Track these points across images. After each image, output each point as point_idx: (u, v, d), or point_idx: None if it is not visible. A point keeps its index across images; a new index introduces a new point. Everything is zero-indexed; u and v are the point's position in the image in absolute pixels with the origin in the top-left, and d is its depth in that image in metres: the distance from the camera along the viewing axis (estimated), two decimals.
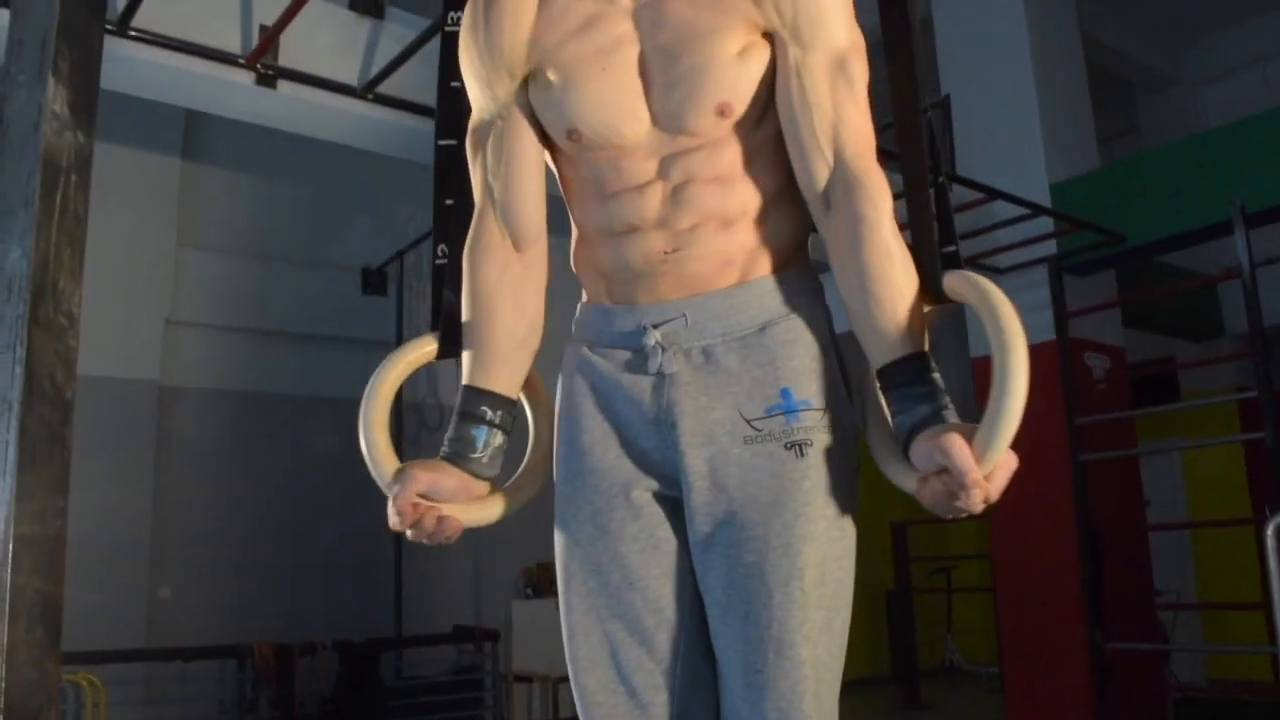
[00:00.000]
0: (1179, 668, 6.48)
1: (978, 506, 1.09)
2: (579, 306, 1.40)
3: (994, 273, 5.40)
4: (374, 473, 1.29)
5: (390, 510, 1.22)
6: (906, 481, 1.15)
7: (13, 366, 0.95)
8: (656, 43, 1.25)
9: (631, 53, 1.26)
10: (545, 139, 1.35)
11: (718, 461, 1.22)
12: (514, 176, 1.34)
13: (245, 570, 6.30)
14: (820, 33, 1.23)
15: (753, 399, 1.23)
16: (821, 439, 1.22)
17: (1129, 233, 5.26)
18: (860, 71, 1.25)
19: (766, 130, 1.28)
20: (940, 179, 1.35)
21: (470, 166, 1.38)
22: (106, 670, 5.01)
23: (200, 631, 5.78)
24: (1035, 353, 1.10)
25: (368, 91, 3.48)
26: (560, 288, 1.45)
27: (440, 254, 1.45)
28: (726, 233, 1.26)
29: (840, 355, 1.30)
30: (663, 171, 1.26)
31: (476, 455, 1.29)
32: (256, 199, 6.96)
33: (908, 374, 1.17)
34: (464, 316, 1.36)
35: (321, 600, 6.40)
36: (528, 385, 1.40)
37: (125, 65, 3.08)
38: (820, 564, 1.20)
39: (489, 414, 1.31)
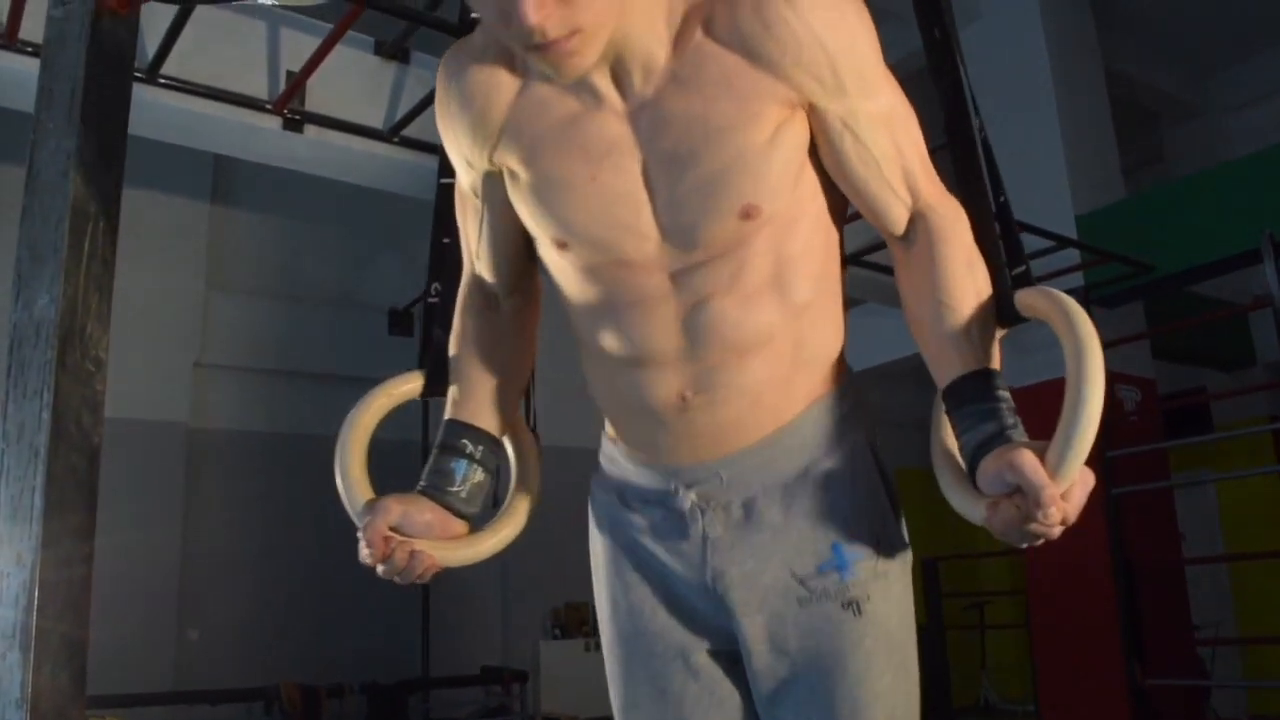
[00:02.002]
0: (1220, 704, 6.35)
1: (1055, 529, 0.99)
2: (604, 436, 1.33)
3: None
4: (346, 503, 1.24)
5: (361, 543, 1.16)
6: (974, 509, 1.05)
7: (40, 412, 0.95)
8: (660, 149, 1.10)
9: (629, 162, 1.11)
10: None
11: (774, 626, 1.17)
12: (493, 249, 1.28)
13: (273, 612, 6.30)
14: (864, 83, 1.10)
15: (802, 554, 1.17)
16: (877, 590, 1.16)
17: (1157, 263, 5.22)
18: (909, 109, 1.16)
19: (796, 218, 1.14)
20: (1002, 198, 1.28)
21: (458, 219, 1.34)
22: (133, 714, 5.00)
23: (228, 674, 5.78)
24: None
25: (393, 134, 3.52)
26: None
27: (433, 292, 1.43)
28: (755, 363, 1.14)
29: (885, 474, 1.24)
30: (676, 288, 1.14)
31: (454, 489, 1.22)
32: (284, 241, 7.04)
33: (975, 391, 1.09)
34: (450, 354, 1.33)
35: (349, 642, 6.39)
36: (514, 428, 1.35)
37: (154, 111, 3.13)
38: (889, 715, 1.16)
39: (469, 447, 1.24)
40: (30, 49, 2.82)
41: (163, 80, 3.06)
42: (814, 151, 1.15)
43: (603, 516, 1.30)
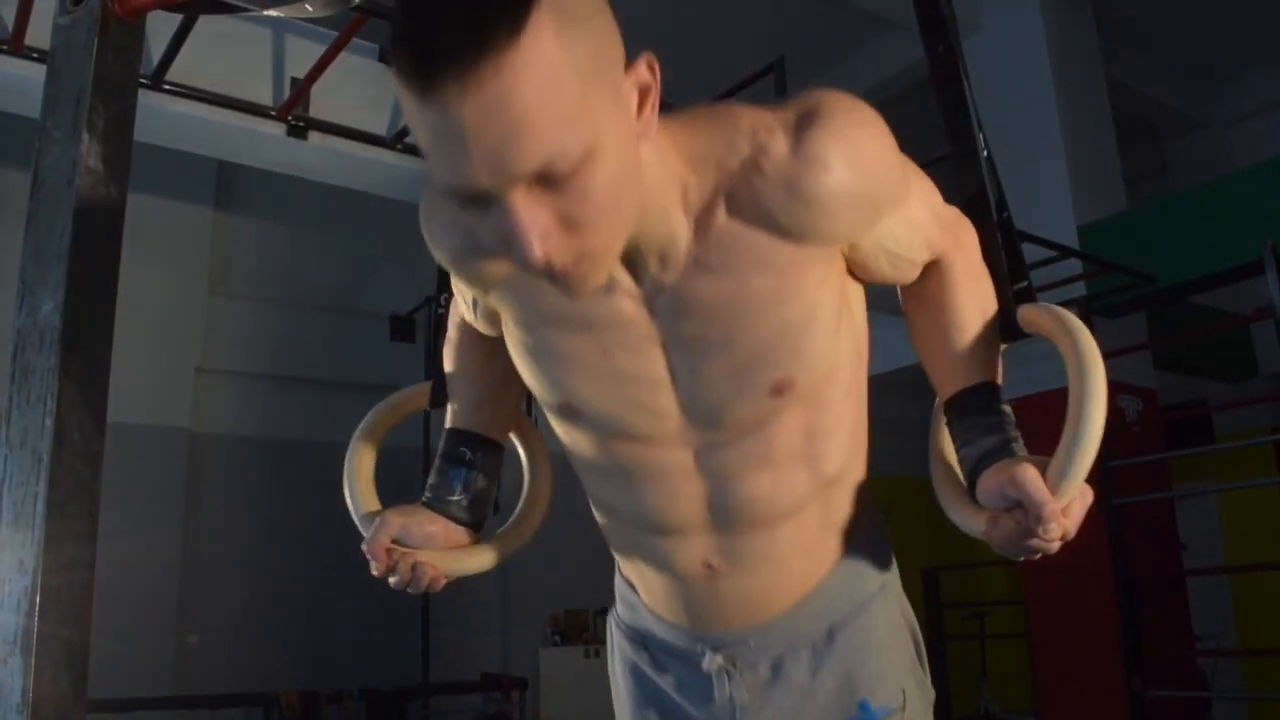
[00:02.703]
0: (1221, 715, 6.32)
1: (1054, 544, 0.99)
2: (617, 577, 1.31)
3: None
4: (354, 516, 1.25)
5: (367, 555, 1.17)
6: (973, 522, 1.05)
7: (43, 419, 0.96)
8: (685, 332, 1.02)
9: (646, 344, 1.04)
10: None
11: None
12: (490, 326, 1.23)
13: (273, 617, 6.30)
14: (895, 199, 1.03)
15: (830, 715, 1.15)
16: None
17: (1159, 274, 5.22)
18: (923, 180, 1.11)
19: (829, 389, 1.09)
20: (1005, 214, 1.28)
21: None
22: (132, 718, 5.00)
23: (228, 679, 5.77)
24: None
25: (397, 141, 3.53)
26: None
27: (443, 302, 1.44)
28: (783, 533, 1.12)
29: (910, 620, 1.24)
30: (699, 464, 1.09)
31: (454, 498, 1.22)
32: (287, 247, 7.05)
33: (977, 403, 1.08)
34: (445, 364, 1.32)
35: (349, 648, 6.38)
36: (520, 433, 1.35)
37: (159, 118, 3.14)
38: None
39: (468, 455, 1.24)
40: (36, 55, 2.83)
41: (167, 86, 3.07)
42: (848, 281, 1.11)
43: (626, 664, 1.28)
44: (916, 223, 1.08)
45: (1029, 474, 0.97)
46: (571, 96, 0.78)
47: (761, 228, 0.98)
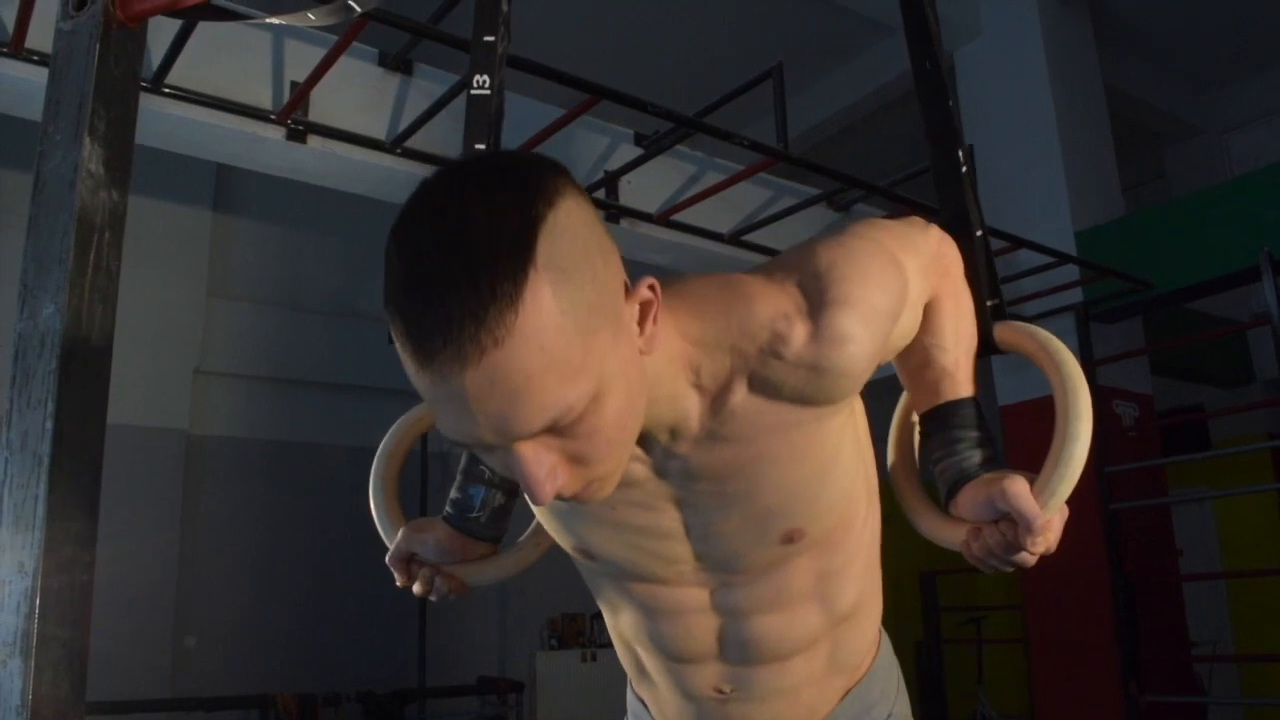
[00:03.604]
0: None
1: (1032, 559, 1.01)
2: (629, 694, 1.34)
3: (1020, 321, 5.37)
4: (380, 529, 1.30)
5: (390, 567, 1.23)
6: (948, 533, 1.08)
7: (43, 421, 0.96)
8: (698, 490, 1.02)
9: (657, 500, 1.04)
10: None
11: None
12: None
13: (270, 620, 6.30)
14: (901, 306, 1.03)
15: None
16: None
17: (1156, 279, 5.23)
18: (912, 245, 1.10)
19: (842, 534, 1.10)
20: (981, 232, 1.30)
21: None
22: None
23: (225, 681, 5.78)
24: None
25: (396, 146, 3.53)
26: None
27: None
28: (794, 666, 1.13)
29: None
30: (714, 602, 1.11)
31: (474, 515, 1.24)
32: (286, 250, 7.05)
33: (958, 419, 1.10)
34: None
35: (346, 650, 6.38)
36: None
37: (158, 121, 3.14)
38: None
39: (488, 473, 1.25)
40: (36, 58, 2.84)
41: (167, 90, 3.07)
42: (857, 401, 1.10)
43: None
44: (916, 300, 1.08)
45: (1021, 487, 1.00)
46: (574, 353, 0.77)
47: (784, 400, 0.98)
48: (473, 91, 1.49)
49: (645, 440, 1.00)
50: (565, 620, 6.98)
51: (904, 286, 1.03)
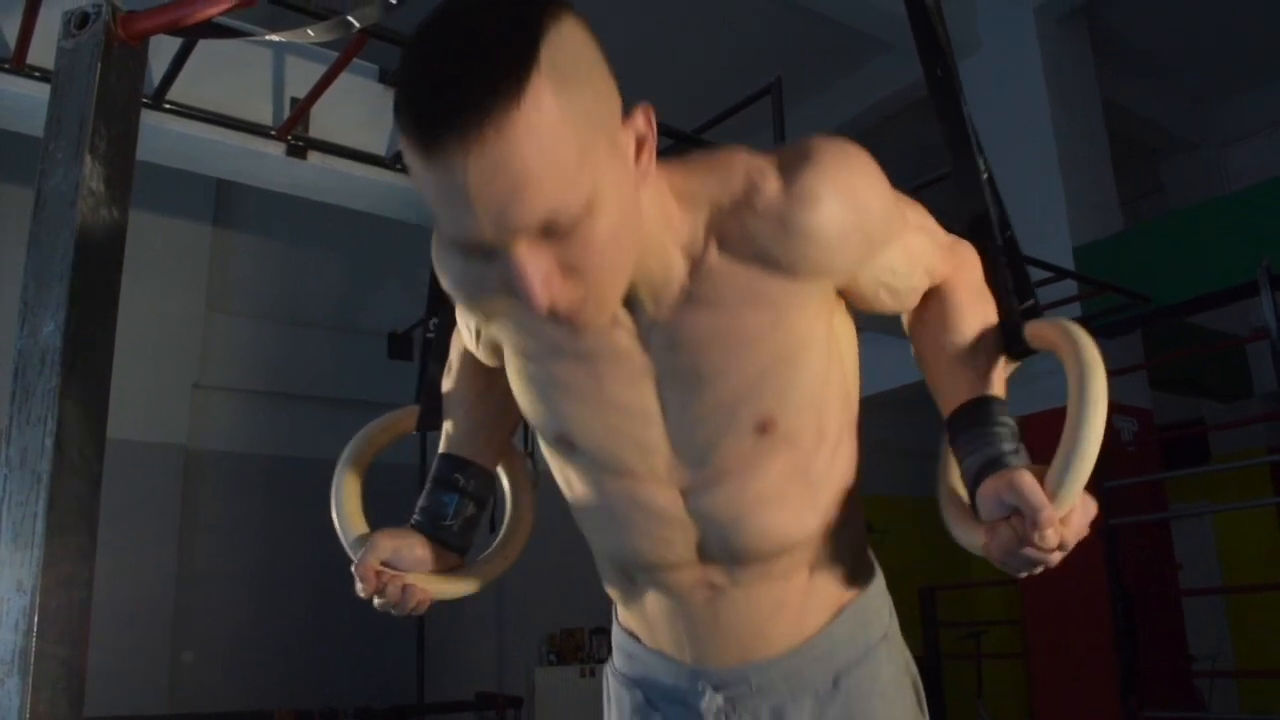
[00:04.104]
0: None
1: (1053, 555, 0.96)
2: (614, 624, 1.31)
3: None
4: (341, 538, 1.26)
5: (356, 576, 1.17)
6: (973, 536, 1.03)
7: (43, 439, 0.96)
8: (677, 366, 1.04)
9: (640, 377, 1.05)
10: None
11: None
12: (491, 356, 1.24)
13: (268, 635, 6.28)
14: (889, 232, 1.05)
15: None
16: None
17: (1154, 294, 5.24)
18: (918, 211, 1.12)
19: (818, 440, 1.09)
20: (1009, 233, 1.27)
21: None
22: None
23: (222, 696, 5.76)
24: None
25: (396, 162, 3.54)
26: None
27: (430, 328, 1.45)
28: (777, 568, 1.12)
29: (912, 671, 1.23)
30: (687, 503, 1.09)
31: (447, 523, 1.22)
32: (285, 265, 7.07)
33: (977, 417, 1.07)
34: (444, 389, 1.33)
35: (344, 666, 6.37)
36: (505, 460, 1.35)
37: (159, 137, 3.16)
38: None
39: (461, 481, 1.24)
40: (38, 74, 2.85)
41: (168, 106, 3.08)
42: (839, 318, 1.12)
43: (624, 708, 1.27)
44: (915, 252, 1.10)
45: (1026, 479, 0.96)
46: (571, 154, 0.81)
47: (754, 263, 1.00)
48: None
49: (632, 303, 1.03)
50: (564, 635, 6.96)
51: (898, 213, 1.06)
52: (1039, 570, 0.99)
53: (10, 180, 5.58)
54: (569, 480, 1.17)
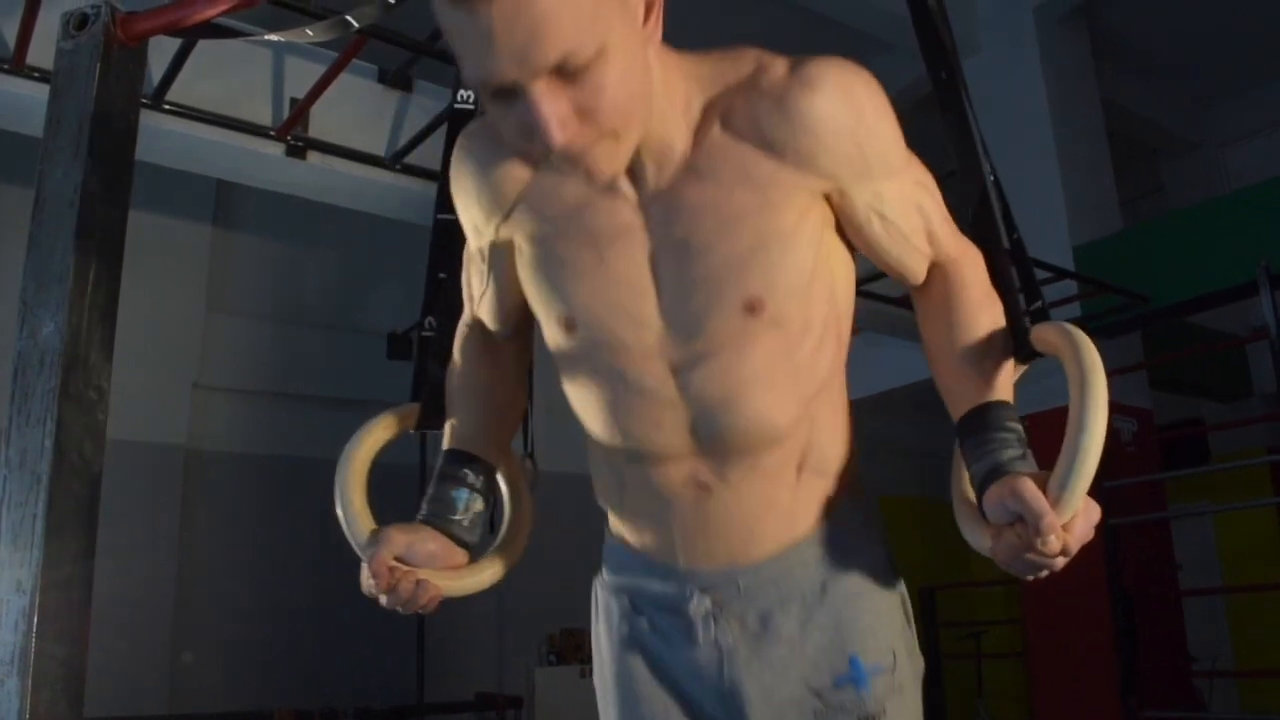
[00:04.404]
0: None
1: (1056, 560, 0.98)
2: (606, 536, 1.32)
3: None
4: (349, 535, 1.25)
5: (364, 574, 1.16)
6: (981, 539, 1.05)
7: (43, 440, 0.96)
8: (671, 237, 1.08)
9: (637, 249, 1.10)
10: None
11: None
12: (498, 304, 1.29)
13: (268, 635, 6.27)
14: (888, 164, 1.10)
15: (819, 669, 1.15)
16: (894, 705, 1.16)
17: (1154, 294, 5.24)
18: (929, 177, 1.17)
19: (805, 327, 1.12)
20: (1015, 235, 1.29)
21: (462, 271, 1.34)
22: None
23: (222, 697, 5.75)
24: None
25: (395, 162, 3.54)
26: None
27: (428, 326, 1.45)
28: (764, 462, 1.13)
29: (901, 586, 1.24)
30: (678, 381, 1.12)
31: (456, 517, 1.23)
32: (285, 265, 7.06)
33: (985, 422, 1.09)
34: (449, 386, 1.34)
35: (343, 666, 6.36)
36: (504, 459, 1.35)
37: (159, 137, 3.15)
38: None
39: (469, 477, 1.25)
40: (37, 74, 2.85)
41: (167, 106, 3.08)
42: (832, 240, 1.15)
43: (612, 620, 1.28)
44: (912, 201, 1.14)
45: (1028, 487, 0.98)
46: (585, 5, 0.89)
47: (750, 142, 1.06)
48: (457, 105, 1.49)
49: (636, 175, 1.09)
50: (564, 635, 6.95)
51: (896, 145, 1.11)
52: (1044, 574, 1.01)
53: (10, 180, 5.58)
54: (570, 367, 1.19)
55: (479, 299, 1.30)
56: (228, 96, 3.26)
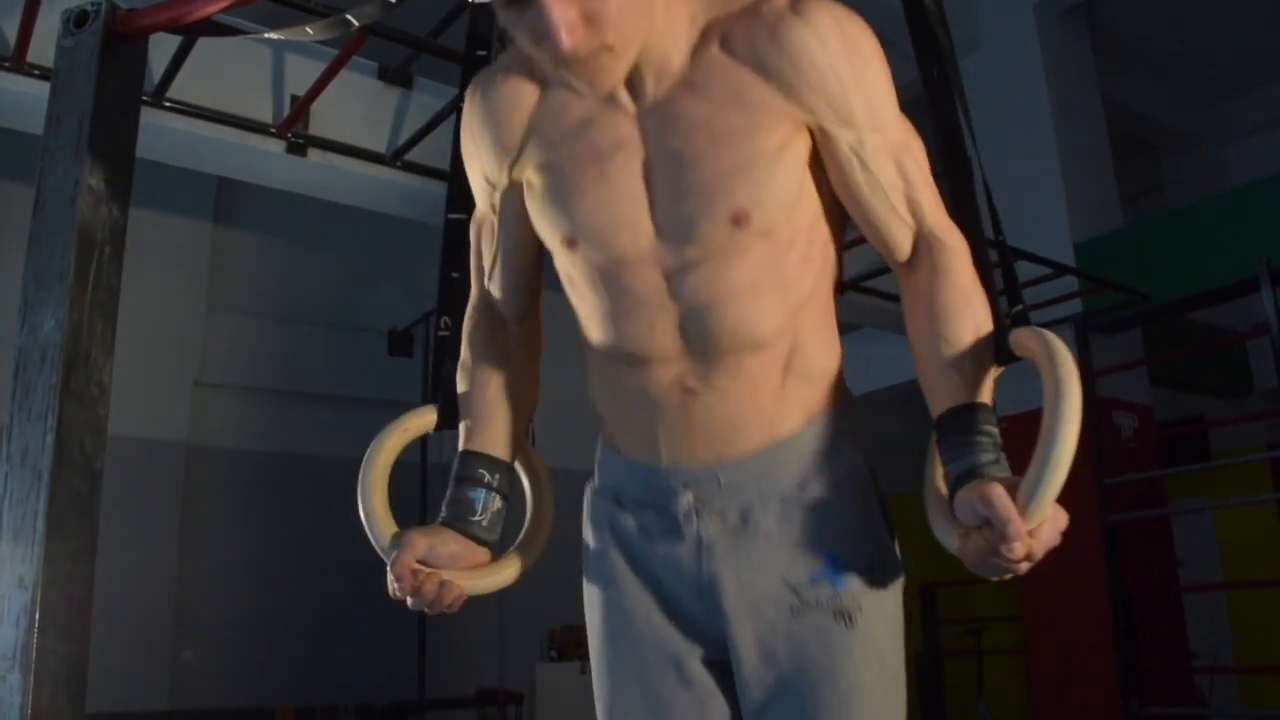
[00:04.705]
0: None
1: (1020, 564, 1.00)
2: (599, 445, 1.35)
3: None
4: (372, 539, 1.27)
5: (389, 577, 1.18)
6: (950, 539, 1.07)
7: (44, 435, 0.97)
8: (664, 148, 1.14)
9: (633, 160, 1.16)
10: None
11: (765, 634, 1.18)
12: (507, 270, 1.32)
13: (269, 632, 6.28)
14: (875, 114, 1.14)
15: (796, 566, 1.18)
16: (869, 602, 1.18)
17: (1154, 291, 5.24)
18: (919, 142, 1.20)
19: (792, 240, 1.17)
20: (1000, 237, 1.31)
21: (471, 248, 1.38)
22: None
23: (223, 693, 5.76)
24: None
25: (396, 159, 3.54)
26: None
27: (443, 326, 1.46)
28: (750, 364, 1.17)
29: (881, 495, 1.26)
30: (670, 287, 1.16)
31: (475, 518, 1.25)
32: (286, 263, 7.06)
33: (962, 423, 1.10)
34: (459, 387, 1.36)
35: (344, 662, 6.36)
36: (524, 454, 1.38)
37: (159, 134, 3.16)
38: None
39: (486, 477, 1.28)
40: (38, 72, 2.85)
41: (168, 103, 3.08)
42: (819, 176, 1.19)
43: (598, 520, 1.32)
44: (895, 159, 1.17)
45: (997, 492, 1.00)
46: None
47: (746, 64, 1.12)
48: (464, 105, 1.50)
49: (635, 87, 1.15)
50: (565, 632, 6.96)
51: (888, 109, 1.16)
52: (1009, 576, 1.03)
53: (10, 179, 5.58)
54: (573, 281, 1.25)
55: (490, 269, 1.33)
56: (228, 94, 3.26)
